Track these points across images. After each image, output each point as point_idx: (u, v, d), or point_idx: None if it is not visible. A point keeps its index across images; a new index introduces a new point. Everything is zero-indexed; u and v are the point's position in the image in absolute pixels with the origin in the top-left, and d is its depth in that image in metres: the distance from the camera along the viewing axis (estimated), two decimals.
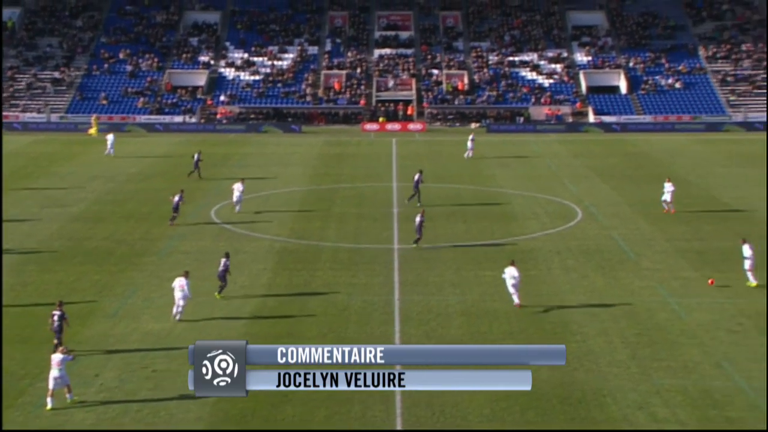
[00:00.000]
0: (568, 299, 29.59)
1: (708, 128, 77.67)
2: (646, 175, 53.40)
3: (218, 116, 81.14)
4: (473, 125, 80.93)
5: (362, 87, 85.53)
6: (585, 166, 57.78)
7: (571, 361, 24.08)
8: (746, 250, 31.05)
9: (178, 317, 27.48)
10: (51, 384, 21.65)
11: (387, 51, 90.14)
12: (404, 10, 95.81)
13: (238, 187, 43.15)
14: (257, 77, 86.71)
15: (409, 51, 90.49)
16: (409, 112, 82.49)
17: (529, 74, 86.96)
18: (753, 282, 30.78)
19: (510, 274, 28.79)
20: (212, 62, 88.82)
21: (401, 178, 53.34)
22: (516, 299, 28.63)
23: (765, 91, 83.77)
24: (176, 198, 40.04)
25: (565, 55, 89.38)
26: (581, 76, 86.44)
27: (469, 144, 61.42)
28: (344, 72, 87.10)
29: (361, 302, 29.37)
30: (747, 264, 31.01)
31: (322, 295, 30.10)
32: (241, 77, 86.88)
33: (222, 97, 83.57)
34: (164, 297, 29.25)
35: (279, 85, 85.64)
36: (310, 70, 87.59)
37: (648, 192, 47.44)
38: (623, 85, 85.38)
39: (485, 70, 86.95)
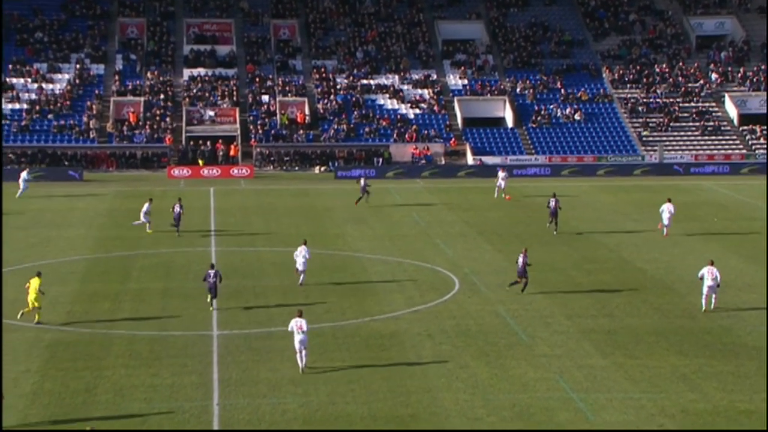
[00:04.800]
0: (443, 397, 30.03)
1: (616, 172, 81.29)
2: (540, 234, 55.14)
3: None
4: (317, 169, 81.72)
5: (167, 119, 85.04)
6: (462, 221, 59.13)
7: None
8: (709, 275, 38.87)
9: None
10: None
11: (200, 71, 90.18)
12: (222, 17, 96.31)
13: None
14: (18, 105, 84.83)
15: (231, 71, 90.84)
16: (231, 152, 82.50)
17: (389, 102, 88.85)
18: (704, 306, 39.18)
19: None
20: None
21: (222, 241, 53.01)
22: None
23: (684, 124, 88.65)
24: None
25: (434, 77, 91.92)
26: (456, 105, 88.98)
27: (501, 182, 68.18)
28: (142, 99, 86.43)
29: (166, 411, 28.85)
30: (706, 289, 38.98)
31: (110, 404, 29.38)
32: None
33: None
34: None
35: (50, 116, 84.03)
36: (95, 97, 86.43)
37: (542, 254, 48.93)
38: (509, 117, 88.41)
39: (332, 96, 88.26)
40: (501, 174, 69.05)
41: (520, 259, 41.55)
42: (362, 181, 65.18)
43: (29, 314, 37.40)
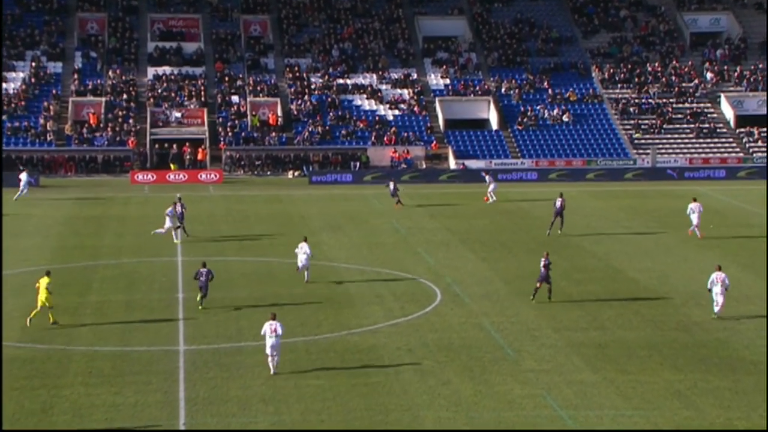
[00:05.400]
0: (425, 415, 29.99)
1: (606, 176, 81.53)
2: (527, 241, 55.21)
3: None
4: (291, 174, 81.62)
5: (130, 121, 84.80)
6: (445, 228, 59.19)
7: None
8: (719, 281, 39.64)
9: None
10: None
11: (165, 70, 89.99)
12: (189, 12, 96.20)
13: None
14: None
15: (198, 70, 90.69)
16: (199, 156, 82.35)
17: (366, 103, 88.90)
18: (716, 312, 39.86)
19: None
20: None
21: (189, 250, 52.86)
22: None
23: (678, 126, 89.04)
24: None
25: (414, 76, 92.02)
26: (437, 106, 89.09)
27: (491, 186, 68.51)
28: (103, 99, 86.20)
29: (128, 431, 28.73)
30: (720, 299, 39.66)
31: (68, 425, 29.17)
32: None
33: None
34: None
35: (3, 117, 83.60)
36: (52, 97, 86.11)
37: (529, 263, 48.93)
38: (493, 118, 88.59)
39: (306, 97, 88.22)
40: (488, 178, 69.28)
41: (542, 262, 41.85)
42: (391, 185, 66.29)
43: (39, 315, 38.00)
